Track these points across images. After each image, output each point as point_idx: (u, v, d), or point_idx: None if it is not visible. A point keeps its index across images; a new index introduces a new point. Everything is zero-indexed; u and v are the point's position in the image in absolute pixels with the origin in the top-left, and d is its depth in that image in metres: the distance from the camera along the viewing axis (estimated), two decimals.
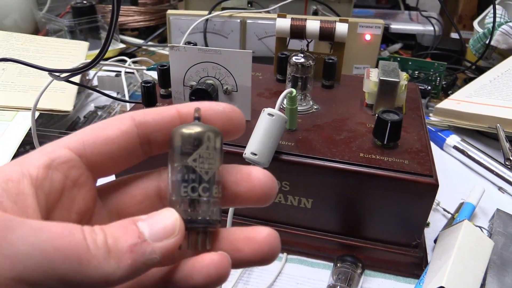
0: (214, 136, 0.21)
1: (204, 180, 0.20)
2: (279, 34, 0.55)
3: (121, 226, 0.18)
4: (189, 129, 0.20)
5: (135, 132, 0.21)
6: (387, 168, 0.40)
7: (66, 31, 0.92)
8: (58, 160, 0.20)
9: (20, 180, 0.18)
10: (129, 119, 0.21)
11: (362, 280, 0.43)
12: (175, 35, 0.81)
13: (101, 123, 0.21)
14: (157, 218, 0.19)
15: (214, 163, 0.20)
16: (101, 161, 0.21)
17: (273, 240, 0.21)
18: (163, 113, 0.22)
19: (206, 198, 0.20)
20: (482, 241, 0.42)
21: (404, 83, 0.48)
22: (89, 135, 0.21)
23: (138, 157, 0.22)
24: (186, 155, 0.20)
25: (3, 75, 0.64)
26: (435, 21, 1.03)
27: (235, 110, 0.22)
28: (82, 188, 0.21)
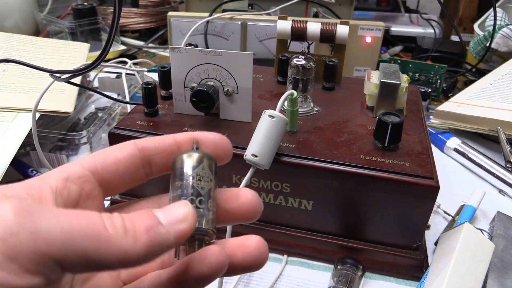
0: (210, 160, 0.24)
1: (200, 194, 0.23)
2: (280, 36, 0.55)
3: (137, 213, 0.20)
4: (189, 154, 0.24)
5: (138, 155, 0.24)
6: (388, 170, 0.40)
7: (67, 32, 0.92)
8: (74, 175, 0.23)
9: (41, 189, 0.21)
10: (133, 144, 0.25)
11: (362, 282, 0.43)
12: (176, 37, 0.81)
13: (110, 147, 0.25)
14: (171, 207, 0.21)
15: (209, 182, 0.23)
16: (109, 178, 0.24)
17: (262, 247, 0.24)
18: (162, 140, 0.25)
19: (202, 209, 0.22)
20: (483, 243, 0.42)
21: (405, 85, 0.48)
22: (99, 155, 0.24)
23: (141, 177, 0.25)
24: (186, 174, 0.23)
25: (4, 76, 0.64)
26: (435, 23, 1.03)
27: (224, 138, 0.26)
28: (94, 201, 0.23)
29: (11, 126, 0.56)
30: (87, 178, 0.23)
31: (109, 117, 0.65)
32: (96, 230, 0.18)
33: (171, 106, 0.50)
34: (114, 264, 0.18)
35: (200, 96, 0.44)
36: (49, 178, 0.22)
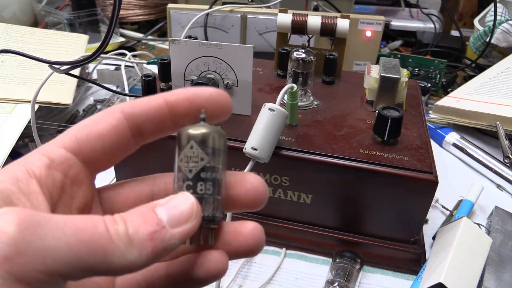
0: (216, 137, 0.22)
1: (187, 178, 0.21)
2: (280, 29, 0.55)
3: (140, 214, 0.19)
4: (193, 129, 0.21)
5: (126, 125, 0.22)
6: (387, 164, 0.40)
7: (65, 24, 0.92)
8: (57, 161, 0.21)
9: (28, 180, 0.19)
10: (119, 112, 0.22)
11: (360, 275, 0.43)
12: (176, 29, 0.81)
13: (92, 118, 0.22)
14: (174, 202, 0.20)
15: (198, 162, 0.21)
16: (96, 156, 0.22)
17: (258, 233, 0.22)
18: (151, 103, 0.22)
19: (204, 195, 0.21)
20: (480, 238, 0.42)
21: (404, 80, 0.48)
22: (82, 133, 0.22)
23: (132, 147, 0.23)
24: (186, 154, 0.21)
25: (2, 67, 0.64)
26: (435, 18, 1.03)
27: (222, 93, 0.23)
28: (81, 185, 0.22)
29: (10, 117, 0.56)
30: (71, 162, 0.21)
31: None
32: (102, 243, 0.17)
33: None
34: (119, 273, 0.18)
35: None
36: (32, 166, 0.20)
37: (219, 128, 0.22)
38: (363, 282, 0.43)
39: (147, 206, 0.19)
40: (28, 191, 0.19)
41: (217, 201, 0.22)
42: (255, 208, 0.23)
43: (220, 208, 0.22)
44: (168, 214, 0.19)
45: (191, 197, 0.20)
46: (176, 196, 0.20)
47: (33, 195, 0.19)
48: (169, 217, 0.19)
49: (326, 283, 0.41)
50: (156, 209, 0.19)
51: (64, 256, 0.16)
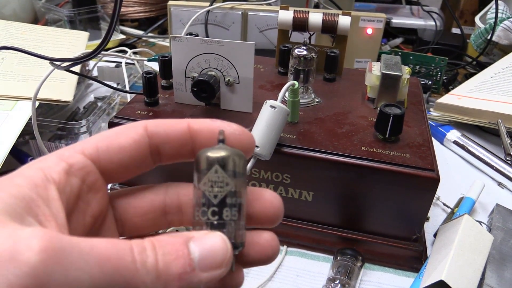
0: (235, 160, 0.21)
1: (212, 204, 0.20)
2: (282, 26, 0.55)
3: (173, 247, 0.18)
4: (212, 152, 0.21)
5: (147, 142, 0.22)
6: (389, 161, 0.40)
7: (65, 21, 0.92)
8: (76, 166, 0.20)
9: (46, 186, 0.19)
10: (142, 128, 0.22)
11: (361, 273, 0.43)
12: (176, 26, 0.80)
13: (115, 130, 0.22)
14: (209, 242, 0.19)
15: (224, 187, 0.20)
16: (112, 168, 0.22)
17: (274, 243, 0.23)
18: (175, 126, 0.22)
19: (215, 222, 0.20)
20: (482, 235, 0.42)
21: (406, 77, 0.48)
22: (103, 142, 0.21)
23: (148, 165, 0.23)
24: (203, 178, 0.21)
25: (2, 64, 0.64)
26: (436, 15, 1.02)
27: (245, 132, 0.23)
28: (97, 193, 0.21)
29: (10, 114, 0.55)
30: (90, 169, 0.21)
31: (109, 106, 0.65)
32: (127, 276, 0.16)
33: (171, 96, 0.49)
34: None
35: (201, 86, 0.44)
36: (50, 171, 0.19)
37: (239, 151, 0.21)
38: (364, 279, 0.43)
39: (180, 238, 0.18)
40: (47, 198, 0.18)
41: (241, 227, 0.21)
42: (271, 225, 0.23)
43: (243, 233, 0.21)
44: (200, 255, 0.18)
45: (227, 241, 0.19)
46: (212, 236, 0.19)
47: (52, 202, 0.18)
48: (201, 258, 0.18)
49: (327, 280, 0.41)
50: (190, 245, 0.18)
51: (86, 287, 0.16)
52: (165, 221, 0.24)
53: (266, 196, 0.23)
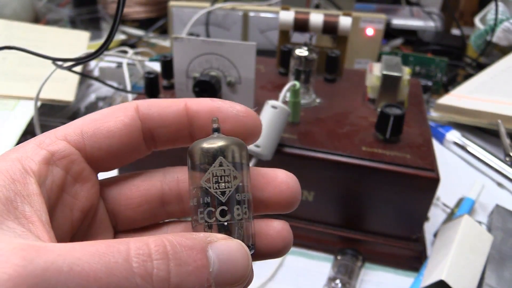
0: (238, 150, 0.18)
1: (220, 202, 0.18)
2: (282, 27, 0.55)
3: (191, 254, 0.15)
4: (210, 143, 0.18)
5: (139, 126, 0.19)
6: (389, 162, 0.41)
7: (66, 21, 0.92)
8: (57, 155, 0.18)
9: (26, 180, 0.16)
10: (133, 110, 0.19)
11: (362, 273, 0.43)
12: (177, 27, 0.81)
13: (103, 112, 0.19)
14: (229, 253, 0.16)
15: (231, 181, 0.18)
16: (101, 155, 0.19)
17: (286, 234, 0.20)
18: (170, 108, 0.20)
19: (226, 223, 0.18)
20: (481, 235, 0.42)
21: (407, 78, 0.48)
22: (88, 127, 0.19)
23: (141, 151, 0.20)
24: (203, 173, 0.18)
25: (4, 64, 0.64)
26: (436, 16, 1.03)
27: (250, 113, 0.20)
28: (85, 183, 0.19)
29: (12, 114, 0.56)
30: (74, 157, 0.18)
31: (110, 106, 0.65)
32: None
33: (173, 96, 0.50)
34: None
35: (203, 86, 0.44)
36: (28, 161, 0.17)
37: (238, 139, 0.19)
38: (365, 279, 0.43)
39: (198, 242, 0.15)
40: (28, 193, 0.16)
41: (252, 226, 0.19)
42: (288, 210, 0.20)
43: (254, 232, 0.19)
44: (219, 268, 0.15)
45: (248, 254, 0.16)
46: (232, 244, 0.16)
47: (33, 198, 0.16)
48: (219, 272, 0.15)
49: (328, 280, 0.41)
50: (208, 251, 0.15)
51: None
52: (163, 212, 0.21)
53: (280, 177, 0.20)
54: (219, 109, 0.20)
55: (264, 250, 0.20)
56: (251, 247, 0.18)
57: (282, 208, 0.20)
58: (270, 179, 0.20)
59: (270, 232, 0.20)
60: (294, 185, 0.20)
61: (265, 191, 0.20)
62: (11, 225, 0.15)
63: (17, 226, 0.15)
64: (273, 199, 0.20)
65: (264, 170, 0.20)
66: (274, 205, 0.20)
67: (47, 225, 0.16)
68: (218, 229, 0.18)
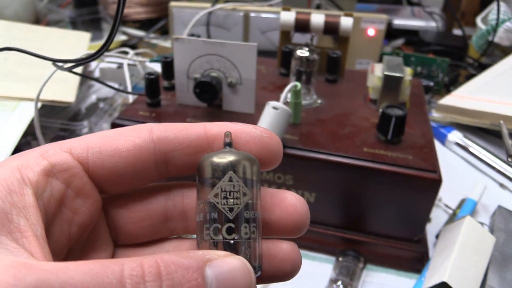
0: (249, 166, 0.18)
1: (227, 219, 0.17)
2: (284, 27, 0.55)
3: (186, 275, 0.14)
4: (220, 157, 0.17)
5: (151, 148, 0.18)
6: (391, 163, 0.40)
7: (67, 22, 0.92)
8: (58, 167, 0.17)
9: (23, 191, 0.16)
10: (147, 132, 0.18)
11: (364, 274, 0.43)
12: (178, 27, 0.81)
13: (116, 130, 0.19)
14: (229, 271, 0.15)
15: (240, 197, 0.17)
16: (103, 174, 0.18)
17: (295, 256, 0.19)
18: (188, 130, 0.19)
19: (232, 241, 0.17)
20: (484, 237, 0.42)
21: (408, 79, 0.48)
22: (96, 142, 0.18)
23: (151, 177, 0.19)
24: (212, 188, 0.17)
25: (4, 65, 0.64)
26: (437, 17, 1.02)
27: (273, 136, 0.19)
28: (86, 199, 0.18)
29: (12, 115, 0.56)
30: (75, 171, 0.17)
31: (111, 107, 0.65)
32: None
33: (173, 97, 0.49)
34: None
35: (203, 87, 0.44)
36: (28, 170, 0.16)
37: (250, 154, 0.18)
38: (367, 280, 0.43)
39: (194, 261, 0.14)
40: (24, 205, 0.15)
41: (260, 246, 0.18)
42: (295, 235, 0.19)
43: (262, 253, 0.18)
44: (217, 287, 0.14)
45: (251, 271, 0.15)
46: (232, 261, 0.15)
47: (29, 210, 0.15)
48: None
49: (330, 281, 0.41)
50: (205, 271, 0.14)
51: None
52: (166, 229, 0.20)
53: (288, 200, 0.19)
54: (243, 130, 0.19)
55: (271, 273, 0.19)
56: (257, 269, 0.17)
57: (289, 232, 0.19)
58: (277, 201, 0.19)
59: (279, 254, 0.19)
60: (303, 209, 0.19)
61: (272, 213, 0.19)
62: (4, 241, 0.14)
63: (10, 242, 0.14)
64: (280, 222, 0.19)
65: (271, 191, 0.20)
66: (280, 229, 0.19)
67: (41, 240, 0.15)
68: (224, 248, 0.17)
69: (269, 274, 0.19)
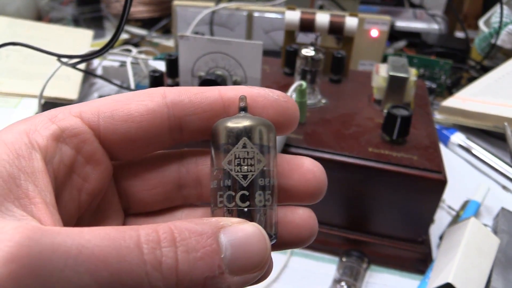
0: (265, 131, 0.17)
1: (241, 187, 0.16)
2: (288, 27, 0.55)
3: (200, 240, 0.14)
4: (235, 122, 0.17)
5: (165, 113, 0.17)
6: (396, 163, 0.40)
7: (69, 20, 0.92)
8: (68, 132, 0.16)
9: (31, 156, 0.15)
10: (160, 96, 0.18)
11: (367, 275, 0.43)
12: (181, 26, 0.80)
13: (127, 95, 0.18)
14: (244, 236, 0.14)
15: (254, 164, 0.17)
16: (116, 140, 0.17)
17: (312, 222, 0.19)
18: (203, 94, 0.18)
19: (246, 209, 0.16)
20: (488, 238, 0.42)
21: (413, 79, 0.48)
22: (107, 107, 0.17)
23: (164, 143, 0.18)
24: (224, 155, 0.17)
25: (7, 62, 0.64)
26: (439, 19, 1.03)
27: (290, 100, 0.19)
28: (97, 166, 0.18)
29: (15, 112, 0.55)
30: (86, 136, 0.17)
31: None
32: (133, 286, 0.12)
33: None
34: None
35: (208, 85, 0.44)
36: (37, 134, 0.16)
37: (265, 120, 0.17)
38: (370, 281, 0.43)
39: (208, 226, 0.14)
40: (32, 171, 0.15)
41: (275, 214, 0.17)
42: (313, 201, 0.19)
43: (277, 221, 0.18)
44: (232, 253, 0.14)
45: (266, 238, 0.15)
46: (247, 227, 0.15)
47: (37, 176, 0.15)
48: (233, 257, 0.14)
49: (333, 282, 0.41)
50: (220, 236, 0.14)
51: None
52: (179, 196, 0.20)
53: (306, 166, 0.19)
54: (259, 94, 0.18)
55: (288, 239, 0.18)
56: (273, 237, 0.17)
57: (307, 198, 0.19)
58: (295, 167, 0.19)
59: (296, 220, 0.18)
60: (320, 175, 0.19)
61: (290, 179, 0.19)
62: (10, 208, 0.14)
63: (16, 209, 0.14)
64: (298, 188, 0.19)
65: (289, 157, 0.19)
66: (298, 195, 0.19)
67: (51, 207, 0.15)
68: (238, 215, 0.16)
69: (285, 241, 0.18)
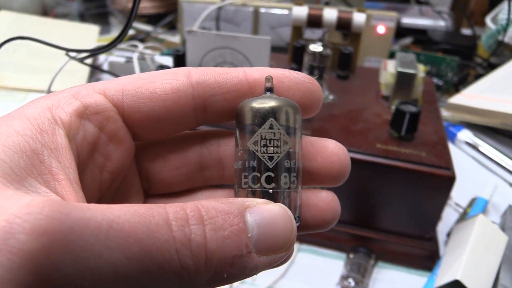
0: (292, 112, 0.17)
1: (267, 168, 0.16)
2: (296, 22, 0.55)
3: (227, 219, 0.14)
4: (261, 103, 0.16)
5: (190, 93, 0.17)
6: (404, 159, 0.40)
7: (75, 15, 0.92)
8: (92, 108, 0.16)
9: (54, 131, 0.15)
10: (184, 75, 0.17)
11: (375, 271, 0.43)
12: (187, 22, 0.80)
13: (151, 73, 0.17)
14: (270, 217, 0.14)
15: (281, 146, 0.16)
16: (140, 118, 0.17)
17: (335, 206, 0.19)
18: (229, 74, 0.18)
19: (271, 190, 0.16)
20: (496, 235, 0.42)
21: (421, 76, 0.47)
22: (131, 85, 0.17)
23: (188, 124, 0.18)
24: (252, 135, 0.16)
25: (13, 57, 0.64)
26: (446, 16, 1.02)
27: (315, 81, 0.18)
28: (119, 145, 0.17)
29: None
30: (109, 114, 0.16)
31: None
32: (163, 263, 0.12)
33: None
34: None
35: None
36: (60, 110, 0.15)
37: (292, 101, 0.17)
38: (377, 277, 0.43)
39: (235, 206, 0.14)
40: (55, 146, 0.14)
41: (300, 195, 0.17)
42: (337, 183, 0.19)
43: (301, 204, 0.18)
44: (259, 233, 0.14)
45: (292, 219, 0.15)
46: (273, 208, 0.15)
47: (61, 152, 0.15)
48: (260, 237, 0.14)
49: (341, 278, 0.41)
50: (246, 216, 0.14)
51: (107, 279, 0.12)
52: (201, 177, 0.20)
53: (331, 148, 0.18)
54: (285, 76, 0.18)
55: (311, 222, 0.18)
56: (297, 220, 0.17)
57: (331, 181, 0.19)
58: (319, 149, 0.18)
59: (319, 203, 0.18)
60: (345, 157, 0.19)
61: (314, 162, 0.18)
62: (33, 184, 0.13)
63: (40, 186, 0.13)
64: (322, 171, 0.18)
65: (312, 139, 0.19)
66: (322, 177, 0.19)
67: (75, 184, 0.15)
68: (262, 197, 0.16)
69: (308, 223, 0.18)
